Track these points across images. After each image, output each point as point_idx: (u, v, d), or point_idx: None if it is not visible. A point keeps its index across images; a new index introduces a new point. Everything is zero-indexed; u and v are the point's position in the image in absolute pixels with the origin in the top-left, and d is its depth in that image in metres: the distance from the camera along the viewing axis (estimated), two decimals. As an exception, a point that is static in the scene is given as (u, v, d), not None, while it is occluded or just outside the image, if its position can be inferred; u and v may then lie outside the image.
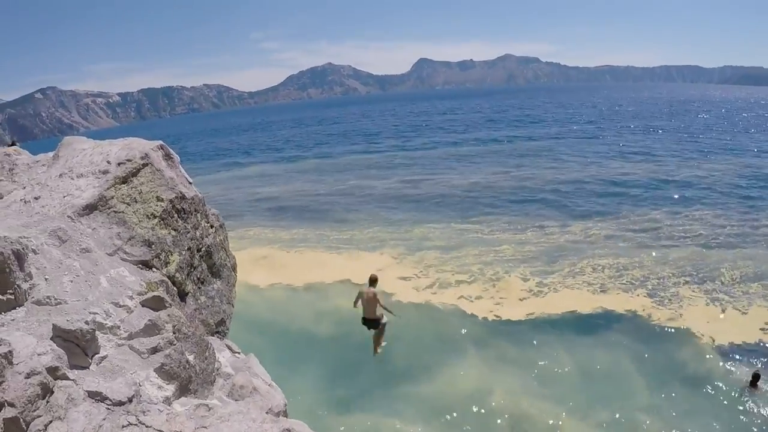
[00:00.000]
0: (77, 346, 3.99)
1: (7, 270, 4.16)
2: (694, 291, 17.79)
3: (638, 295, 17.75)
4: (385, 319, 12.53)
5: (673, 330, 15.67)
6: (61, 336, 3.93)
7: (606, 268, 19.77)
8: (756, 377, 12.85)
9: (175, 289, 6.29)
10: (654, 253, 20.95)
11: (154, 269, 6.05)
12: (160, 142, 7.30)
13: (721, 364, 13.96)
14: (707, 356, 14.30)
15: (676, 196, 29.82)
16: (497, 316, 16.98)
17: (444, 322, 16.91)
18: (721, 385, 13.17)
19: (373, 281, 12.37)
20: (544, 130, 68.29)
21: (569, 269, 19.84)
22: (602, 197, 30.37)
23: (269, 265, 21.78)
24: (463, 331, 16.25)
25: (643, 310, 16.83)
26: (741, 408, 12.36)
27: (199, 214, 7.25)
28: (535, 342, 15.40)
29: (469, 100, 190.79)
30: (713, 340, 14.95)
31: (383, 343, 13.00)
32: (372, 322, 12.45)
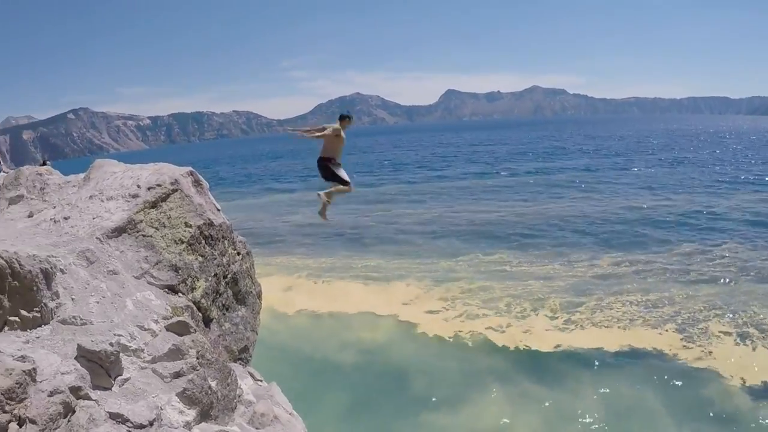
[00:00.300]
0: (101, 367, 3.99)
1: (35, 288, 4.20)
2: (724, 327, 17.28)
3: (667, 332, 17.30)
4: (343, 172, 9.68)
5: (701, 368, 15.18)
6: (86, 356, 3.94)
7: (634, 304, 19.34)
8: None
9: (200, 314, 6.29)
10: (683, 288, 20.45)
11: (180, 294, 6.06)
12: (190, 168, 7.38)
13: (750, 403, 13.47)
14: (736, 395, 13.82)
15: (705, 229, 29.23)
16: (524, 350, 16.67)
17: (470, 354, 16.67)
18: (750, 425, 12.68)
19: (343, 118, 9.62)
20: (572, 162, 67.83)
21: (597, 303, 19.46)
22: (631, 230, 29.90)
23: (295, 293, 21.81)
24: (489, 364, 15.97)
25: (671, 347, 16.37)
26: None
27: (226, 241, 7.29)
28: (559, 377, 15.05)
29: (497, 131, 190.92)
30: (743, 380, 14.43)
31: (329, 217, 10.26)
32: (327, 166, 9.55)
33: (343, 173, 9.59)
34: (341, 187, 9.67)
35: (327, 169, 9.46)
